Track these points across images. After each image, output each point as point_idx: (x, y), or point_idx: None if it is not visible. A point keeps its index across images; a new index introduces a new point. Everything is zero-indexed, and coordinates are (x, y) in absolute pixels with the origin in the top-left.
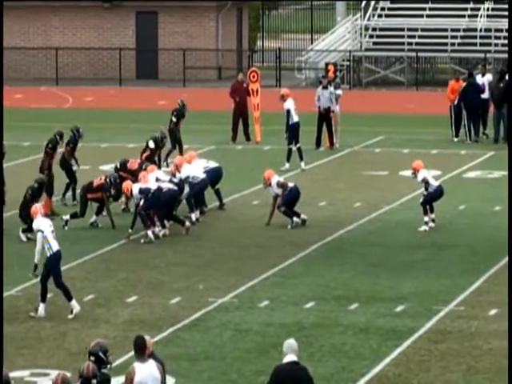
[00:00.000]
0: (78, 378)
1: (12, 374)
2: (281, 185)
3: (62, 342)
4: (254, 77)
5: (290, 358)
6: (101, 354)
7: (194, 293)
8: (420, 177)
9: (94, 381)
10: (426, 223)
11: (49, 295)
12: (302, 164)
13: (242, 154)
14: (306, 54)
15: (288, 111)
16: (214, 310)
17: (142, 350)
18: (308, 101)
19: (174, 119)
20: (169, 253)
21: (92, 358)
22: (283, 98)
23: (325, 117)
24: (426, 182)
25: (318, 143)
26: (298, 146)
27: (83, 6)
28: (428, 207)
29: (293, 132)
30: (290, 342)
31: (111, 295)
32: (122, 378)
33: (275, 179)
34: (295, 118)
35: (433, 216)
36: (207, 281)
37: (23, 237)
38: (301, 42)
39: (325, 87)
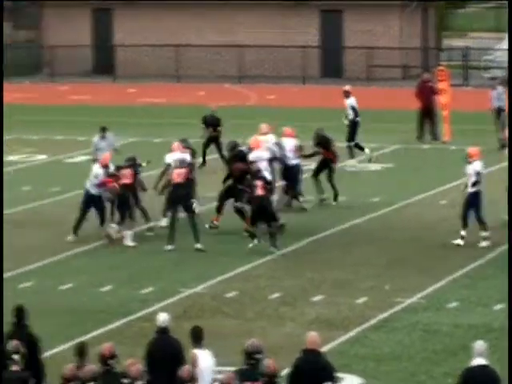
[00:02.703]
0: (263, 376)
1: None
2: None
3: (246, 340)
4: (441, 75)
5: (478, 361)
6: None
7: (380, 293)
8: (478, 166)
9: (275, 379)
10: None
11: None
12: (353, 161)
13: (428, 154)
14: (493, 52)
15: (353, 108)
16: (402, 310)
17: (200, 339)
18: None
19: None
20: (355, 252)
21: (258, 356)
22: (346, 95)
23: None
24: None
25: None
26: (354, 143)
27: (268, 4)
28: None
29: (354, 129)
30: (477, 345)
31: (297, 294)
32: None
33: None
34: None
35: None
36: (393, 281)
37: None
38: (488, 41)
39: None
